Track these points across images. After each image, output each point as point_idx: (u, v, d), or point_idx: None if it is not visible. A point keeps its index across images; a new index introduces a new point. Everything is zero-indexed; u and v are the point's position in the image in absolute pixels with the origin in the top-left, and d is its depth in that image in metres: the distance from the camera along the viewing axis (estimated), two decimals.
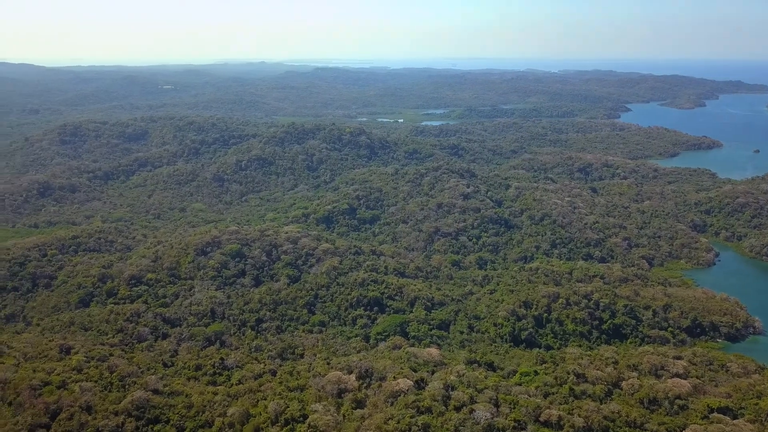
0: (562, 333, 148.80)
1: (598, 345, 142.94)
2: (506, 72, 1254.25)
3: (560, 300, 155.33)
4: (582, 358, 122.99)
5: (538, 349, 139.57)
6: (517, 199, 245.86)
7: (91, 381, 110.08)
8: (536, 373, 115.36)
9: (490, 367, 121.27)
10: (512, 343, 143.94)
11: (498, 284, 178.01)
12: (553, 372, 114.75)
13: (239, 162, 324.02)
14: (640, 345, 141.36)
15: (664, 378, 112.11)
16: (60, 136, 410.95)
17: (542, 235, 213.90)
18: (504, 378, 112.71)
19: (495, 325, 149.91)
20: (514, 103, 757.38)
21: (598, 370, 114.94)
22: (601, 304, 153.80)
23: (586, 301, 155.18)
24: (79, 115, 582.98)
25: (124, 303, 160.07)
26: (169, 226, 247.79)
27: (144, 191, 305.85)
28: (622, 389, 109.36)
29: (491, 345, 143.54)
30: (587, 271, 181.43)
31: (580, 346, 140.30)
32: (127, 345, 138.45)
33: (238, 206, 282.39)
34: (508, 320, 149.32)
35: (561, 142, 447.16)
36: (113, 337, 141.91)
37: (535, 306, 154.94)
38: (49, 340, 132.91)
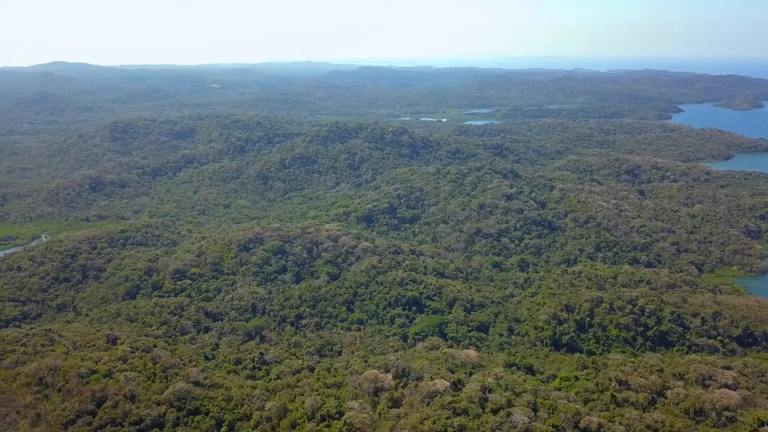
0: (604, 338, 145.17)
1: (642, 352, 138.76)
2: (553, 71, 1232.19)
3: (604, 305, 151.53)
4: (625, 365, 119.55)
5: (579, 354, 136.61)
6: (562, 200, 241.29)
7: (135, 371, 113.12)
8: (577, 378, 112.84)
9: (529, 370, 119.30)
10: (552, 348, 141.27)
11: (539, 287, 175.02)
12: (595, 378, 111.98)
13: (283, 160, 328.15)
14: (686, 353, 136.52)
15: (711, 388, 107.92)
16: (111, 133, 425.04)
17: (586, 238, 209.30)
18: (543, 382, 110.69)
19: (535, 328, 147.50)
20: (561, 103, 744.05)
21: (641, 377, 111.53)
22: (647, 310, 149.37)
23: (631, 306, 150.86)
24: (130, 112, 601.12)
25: (169, 296, 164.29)
26: (213, 222, 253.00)
27: (190, 187, 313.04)
28: (666, 398, 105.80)
29: (531, 348, 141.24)
30: (632, 276, 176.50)
31: (623, 352, 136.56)
32: (170, 337, 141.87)
33: (281, 204, 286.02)
34: (549, 324, 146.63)
35: (608, 144, 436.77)
36: (157, 329, 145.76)
37: (577, 310, 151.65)
38: (97, 330, 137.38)
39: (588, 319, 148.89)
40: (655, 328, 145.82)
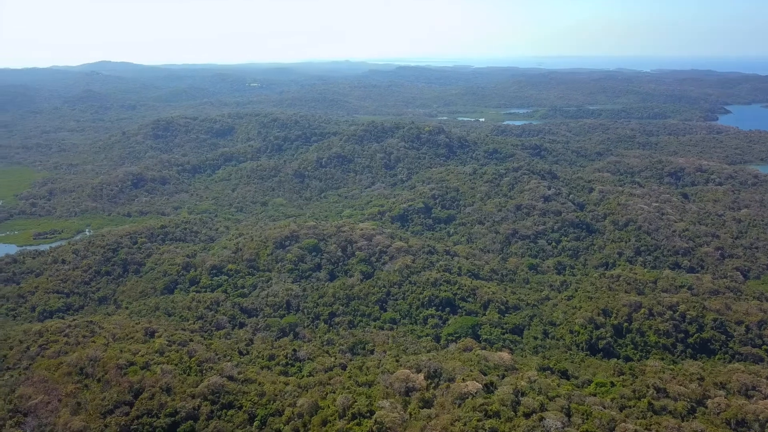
0: (643, 344, 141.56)
1: (682, 359, 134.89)
2: (594, 71, 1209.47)
3: (643, 310, 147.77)
4: (664, 372, 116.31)
5: (616, 359, 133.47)
6: (601, 202, 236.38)
7: (171, 364, 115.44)
8: (613, 384, 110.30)
9: (564, 375, 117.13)
10: (588, 352, 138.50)
11: (576, 290, 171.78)
12: (632, 384, 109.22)
13: (320, 159, 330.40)
14: (729, 362, 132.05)
15: (755, 399, 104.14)
16: (153, 131, 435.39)
17: (626, 242, 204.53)
18: (578, 387, 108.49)
19: (571, 332, 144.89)
20: (602, 104, 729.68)
21: (681, 385, 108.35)
22: (688, 316, 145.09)
23: (671, 312, 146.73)
24: (171, 110, 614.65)
25: (205, 291, 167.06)
26: (250, 219, 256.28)
27: (228, 185, 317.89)
28: (706, 407, 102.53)
29: (566, 352, 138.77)
30: (674, 281, 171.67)
31: (662, 359, 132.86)
32: (206, 332, 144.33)
33: (317, 202, 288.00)
34: (586, 328, 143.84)
35: (651, 145, 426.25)
36: (194, 323, 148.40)
37: (614, 315, 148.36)
38: (136, 323, 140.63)
39: (626, 324, 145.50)
40: (696, 335, 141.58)
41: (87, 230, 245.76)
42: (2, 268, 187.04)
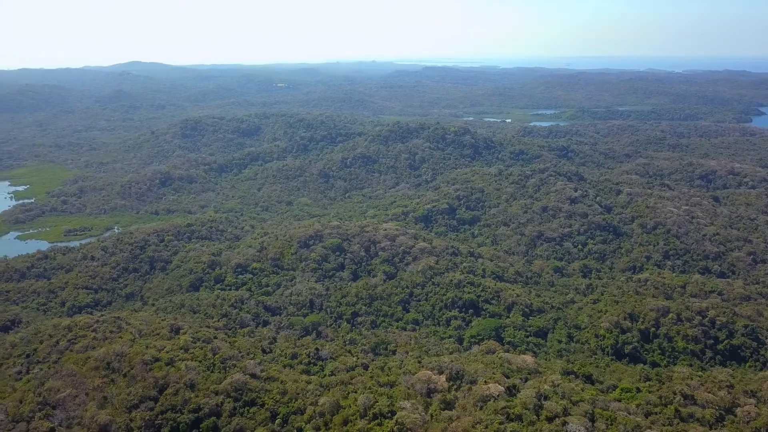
0: (670, 350, 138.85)
1: (711, 366, 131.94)
2: (624, 72, 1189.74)
3: (671, 315, 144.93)
4: (691, 379, 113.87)
5: (642, 365, 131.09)
6: (629, 205, 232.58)
7: (195, 361, 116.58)
8: (639, 390, 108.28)
9: (588, 379, 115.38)
10: (614, 357, 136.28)
11: (602, 294, 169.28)
12: (658, 391, 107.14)
13: (344, 159, 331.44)
14: (760, 370, 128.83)
15: None
16: (182, 130, 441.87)
17: (654, 245, 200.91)
18: (602, 392, 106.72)
19: (596, 336, 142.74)
20: (632, 105, 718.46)
21: (709, 392, 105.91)
22: (718, 322, 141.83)
23: (700, 318, 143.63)
24: (199, 110, 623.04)
25: (230, 289, 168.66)
26: (275, 218, 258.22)
27: (254, 184, 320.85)
28: (736, 416, 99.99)
29: (591, 357, 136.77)
30: (703, 286, 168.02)
31: (690, 365, 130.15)
32: (230, 329, 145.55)
33: (341, 202, 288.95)
34: (611, 332, 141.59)
35: (681, 147, 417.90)
36: (218, 321, 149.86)
37: (641, 319, 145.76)
38: (162, 320, 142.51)
39: (653, 329, 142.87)
40: (726, 341, 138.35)
41: (116, 228, 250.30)
42: (34, 264, 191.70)
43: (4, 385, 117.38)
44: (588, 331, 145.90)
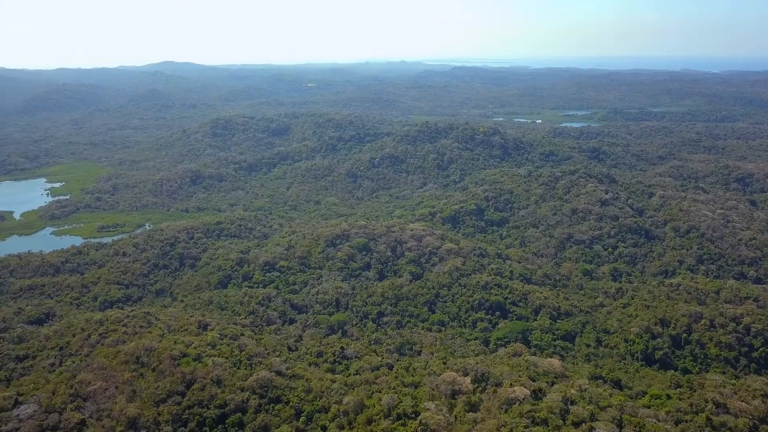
0: (702, 357, 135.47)
1: (745, 374, 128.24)
2: (658, 72, 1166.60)
3: (703, 321, 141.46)
4: (724, 387, 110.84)
5: (673, 371, 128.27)
6: (661, 208, 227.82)
7: (222, 357, 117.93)
8: (669, 397, 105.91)
9: (617, 384, 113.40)
10: (644, 363, 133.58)
11: (632, 298, 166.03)
12: (689, 398, 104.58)
13: (372, 159, 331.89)
14: None
15: None
16: (212, 129, 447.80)
17: (687, 249, 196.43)
18: (631, 398, 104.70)
19: (626, 341, 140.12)
20: (666, 106, 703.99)
21: (743, 401, 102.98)
22: (753, 329, 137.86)
23: (735, 324, 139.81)
24: (230, 110, 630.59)
25: (258, 287, 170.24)
26: (303, 217, 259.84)
27: (283, 183, 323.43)
28: None
29: (620, 362, 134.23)
30: (738, 292, 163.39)
31: (723, 373, 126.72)
32: (257, 327, 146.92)
33: (368, 202, 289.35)
34: (641, 337, 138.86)
35: (717, 149, 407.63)
36: (245, 318, 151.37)
37: (673, 325, 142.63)
38: (190, 316, 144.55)
39: (685, 335, 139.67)
40: (761, 349, 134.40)
41: (147, 224, 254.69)
42: (68, 259, 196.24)
43: (38, 376, 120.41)
44: (617, 336, 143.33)
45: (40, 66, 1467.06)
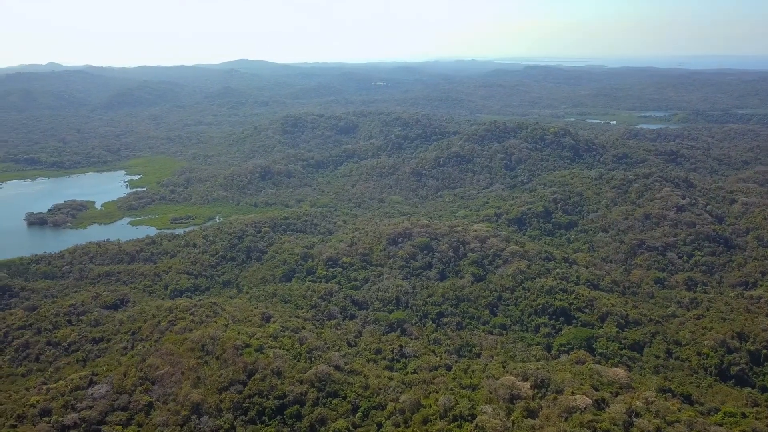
0: None
1: None
2: (746, 72, 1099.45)
3: None
4: None
5: (750, 388, 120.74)
6: (744, 216, 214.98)
7: (283, 349, 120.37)
8: (744, 415, 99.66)
9: (687, 399, 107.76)
10: (717, 378, 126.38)
11: (708, 309, 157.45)
12: (767, 418, 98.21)
13: (438, 158, 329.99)
14: None
15: None
16: (282, 126, 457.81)
17: None
18: (702, 414, 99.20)
19: (699, 354, 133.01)
20: (753, 108, 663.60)
21: None
22: None
23: None
24: (300, 107, 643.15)
25: (320, 282, 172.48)
26: (367, 214, 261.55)
27: (349, 181, 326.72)
28: None
29: (691, 375, 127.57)
30: None
31: None
32: (318, 320, 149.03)
33: (432, 201, 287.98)
34: (716, 351, 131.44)
35: None
36: (307, 311, 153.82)
37: (752, 339, 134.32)
38: (254, 308, 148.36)
39: (765, 351, 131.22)
40: None
41: (217, 217, 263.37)
42: (143, 248, 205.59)
43: (112, 359, 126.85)
44: (689, 348, 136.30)
45: (124, 64, 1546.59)
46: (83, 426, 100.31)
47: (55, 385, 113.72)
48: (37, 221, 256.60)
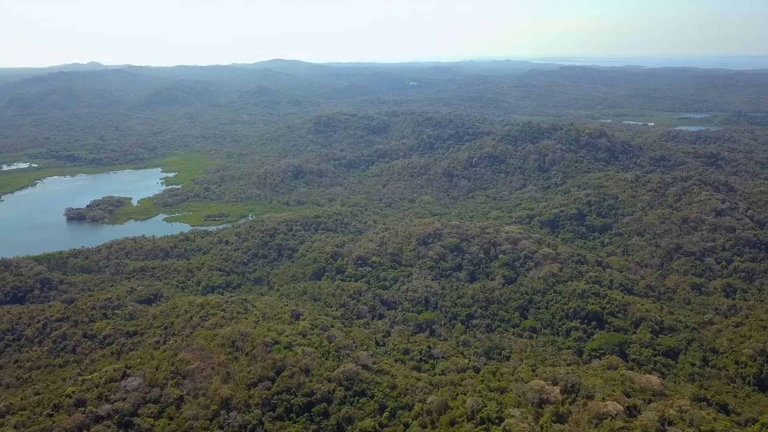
0: None
1: None
2: None
3: None
4: None
5: None
6: None
7: (312, 347, 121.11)
8: None
9: (723, 409, 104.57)
10: (756, 388, 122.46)
11: (747, 317, 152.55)
12: None
13: (470, 159, 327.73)
14: None
15: None
16: (315, 126, 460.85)
17: None
18: (739, 425, 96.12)
19: (737, 363, 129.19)
20: None
21: None
22: None
23: None
24: (333, 107, 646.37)
25: (350, 281, 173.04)
26: (397, 214, 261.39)
27: (380, 180, 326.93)
28: None
29: (728, 385, 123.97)
30: None
31: None
32: (347, 319, 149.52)
33: (463, 202, 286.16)
34: (756, 360, 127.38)
35: None
36: (336, 310, 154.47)
37: None
38: (284, 305, 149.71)
39: None
40: None
41: (250, 215, 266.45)
42: (177, 244, 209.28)
43: (145, 352, 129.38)
44: (727, 357, 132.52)
45: (162, 63, 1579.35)
46: (116, 417, 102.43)
47: (90, 377, 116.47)
48: (76, 216, 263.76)
